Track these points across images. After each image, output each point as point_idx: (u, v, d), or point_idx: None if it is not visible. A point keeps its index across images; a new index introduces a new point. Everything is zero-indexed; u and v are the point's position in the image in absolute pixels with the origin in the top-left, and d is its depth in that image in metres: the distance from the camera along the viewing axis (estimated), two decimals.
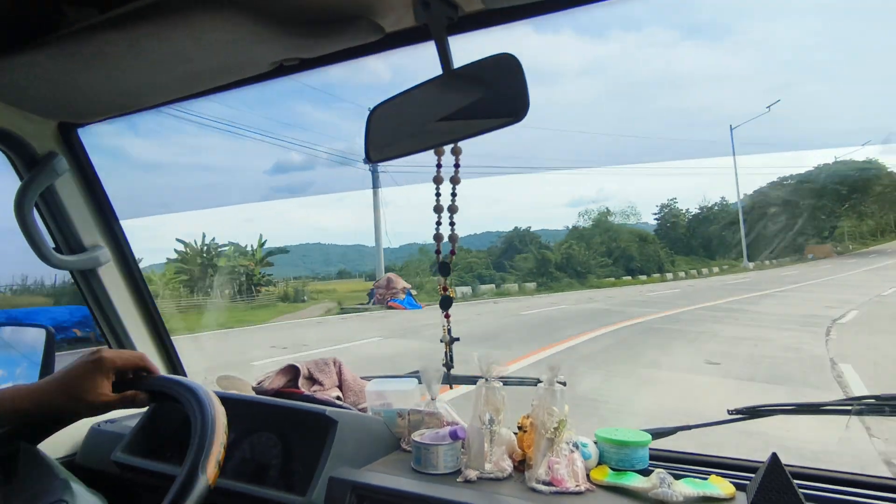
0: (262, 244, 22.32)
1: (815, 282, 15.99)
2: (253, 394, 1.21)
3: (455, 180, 0.84)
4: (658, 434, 1.00)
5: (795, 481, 0.81)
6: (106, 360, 0.71)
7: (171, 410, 1.16)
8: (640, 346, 7.23)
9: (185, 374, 1.45)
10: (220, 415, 0.68)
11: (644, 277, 24.08)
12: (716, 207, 33.67)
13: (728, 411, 0.96)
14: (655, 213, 34.37)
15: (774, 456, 0.81)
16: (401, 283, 16.75)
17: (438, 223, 0.86)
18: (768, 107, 30.83)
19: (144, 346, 1.37)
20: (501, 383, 0.97)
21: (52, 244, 1.20)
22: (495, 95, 0.67)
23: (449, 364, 0.99)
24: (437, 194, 0.85)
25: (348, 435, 1.00)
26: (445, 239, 0.88)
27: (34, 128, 1.12)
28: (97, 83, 0.94)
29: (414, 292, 17.11)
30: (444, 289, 0.92)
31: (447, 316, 0.96)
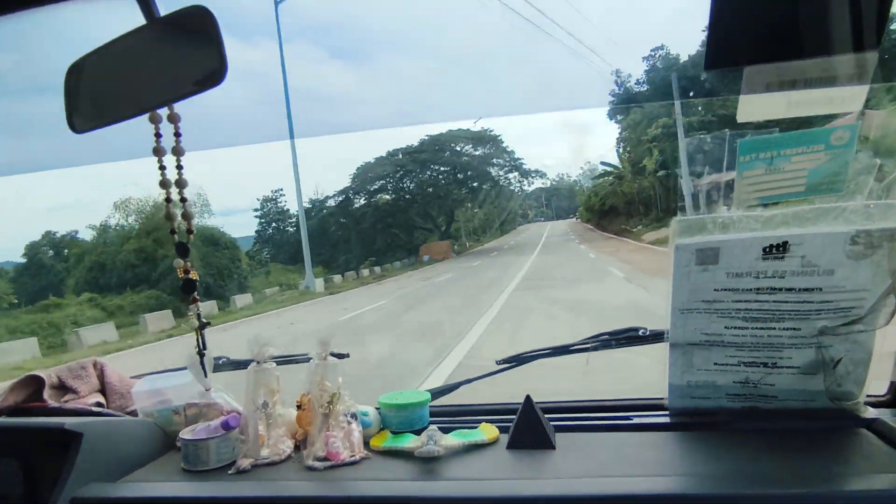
0: None
1: None
2: None
3: (178, 151, 0.75)
4: (441, 392, 1.05)
5: (547, 415, 0.91)
6: None
7: None
8: None
9: None
10: None
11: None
12: (330, 200, 24.93)
13: (496, 362, 1.04)
14: (256, 210, 25.71)
15: (527, 397, 0.90)
16: None
17: (168, 199, 0.77)
18: None
19: None
20: (274, 363, 0.93)
21: None
22: (192, 52, 0.59)
23: (202, 351, 0.92)
24: (162, 167, 0.75)
25: (101, 446, 0.88)
26: (179, 218, 0.79)
27: None
28: None
29: None
30: (186, 271, 0.83)
31: (194, 300, 0.87)
